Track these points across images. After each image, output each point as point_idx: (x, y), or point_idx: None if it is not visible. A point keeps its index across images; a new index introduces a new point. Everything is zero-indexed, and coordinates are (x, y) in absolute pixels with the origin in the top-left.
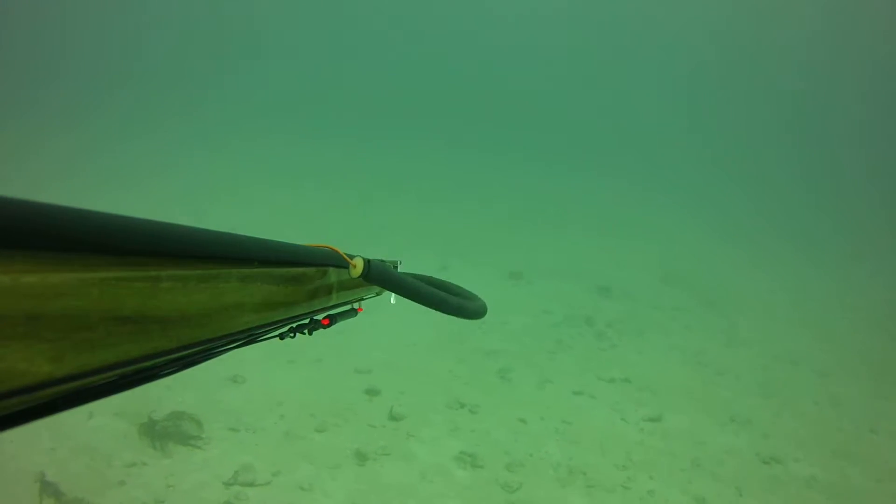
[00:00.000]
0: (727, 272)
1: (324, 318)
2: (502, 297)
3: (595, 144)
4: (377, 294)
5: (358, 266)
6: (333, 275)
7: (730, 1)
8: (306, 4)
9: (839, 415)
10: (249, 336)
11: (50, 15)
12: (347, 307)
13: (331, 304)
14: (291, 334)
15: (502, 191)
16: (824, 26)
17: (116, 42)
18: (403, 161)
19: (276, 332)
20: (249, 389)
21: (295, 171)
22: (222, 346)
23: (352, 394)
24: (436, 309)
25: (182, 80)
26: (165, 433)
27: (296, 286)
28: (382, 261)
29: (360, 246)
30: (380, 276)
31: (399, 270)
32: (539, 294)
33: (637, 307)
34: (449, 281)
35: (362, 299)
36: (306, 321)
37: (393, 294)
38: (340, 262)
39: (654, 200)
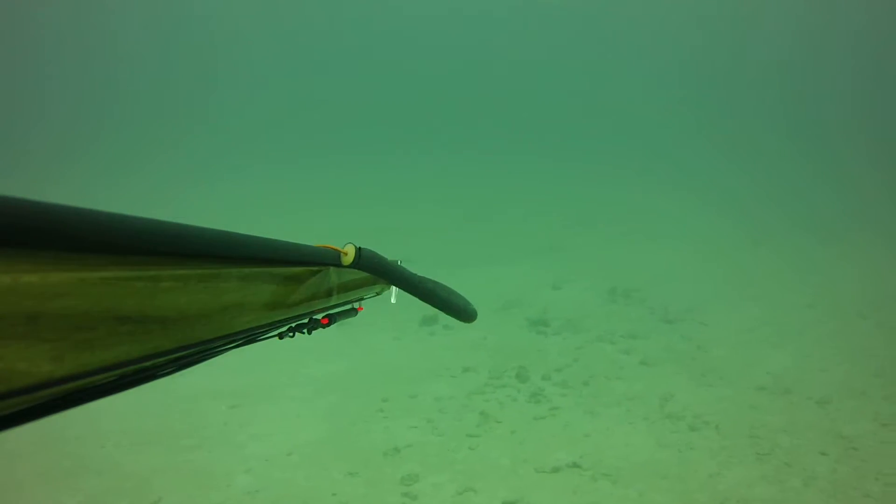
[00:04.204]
0: (684, 277)
1: (323, 317)
2: (415, 353)
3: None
4: (377, 294)
5: (349, 253)
6: (334, 274)
7: None
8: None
9: (860, 464)
10: (249, 336)
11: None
12: (347, 307)
13: (331, 303)
14: (291, 334)
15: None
16: None
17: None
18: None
19: (276, 332)
20: None
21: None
22: (222, 345)
23: None
24: (435, 305)
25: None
26: None
27: (296, 285)
28: (375, 253)
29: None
30: (372, 264)
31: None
32: (460, 343)
33: (581, 341)
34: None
35: (362, 299)
36: (305, 321)
37: (393, 294)
38: (336, 257)
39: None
